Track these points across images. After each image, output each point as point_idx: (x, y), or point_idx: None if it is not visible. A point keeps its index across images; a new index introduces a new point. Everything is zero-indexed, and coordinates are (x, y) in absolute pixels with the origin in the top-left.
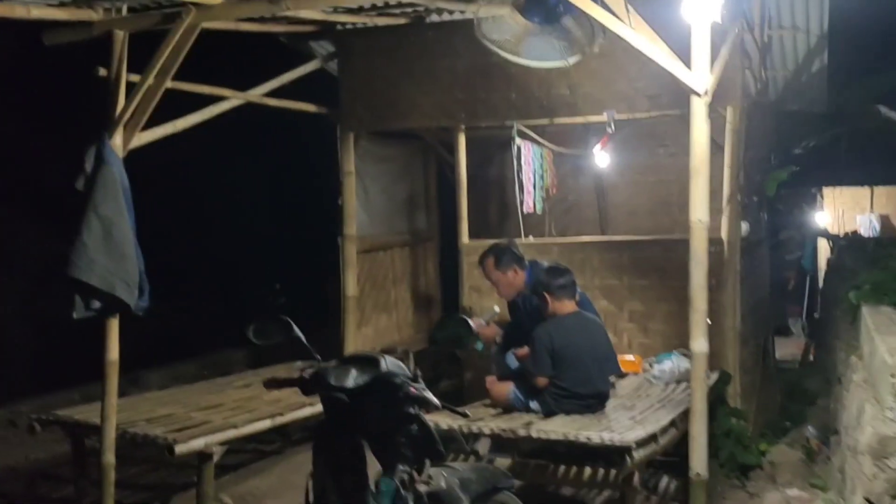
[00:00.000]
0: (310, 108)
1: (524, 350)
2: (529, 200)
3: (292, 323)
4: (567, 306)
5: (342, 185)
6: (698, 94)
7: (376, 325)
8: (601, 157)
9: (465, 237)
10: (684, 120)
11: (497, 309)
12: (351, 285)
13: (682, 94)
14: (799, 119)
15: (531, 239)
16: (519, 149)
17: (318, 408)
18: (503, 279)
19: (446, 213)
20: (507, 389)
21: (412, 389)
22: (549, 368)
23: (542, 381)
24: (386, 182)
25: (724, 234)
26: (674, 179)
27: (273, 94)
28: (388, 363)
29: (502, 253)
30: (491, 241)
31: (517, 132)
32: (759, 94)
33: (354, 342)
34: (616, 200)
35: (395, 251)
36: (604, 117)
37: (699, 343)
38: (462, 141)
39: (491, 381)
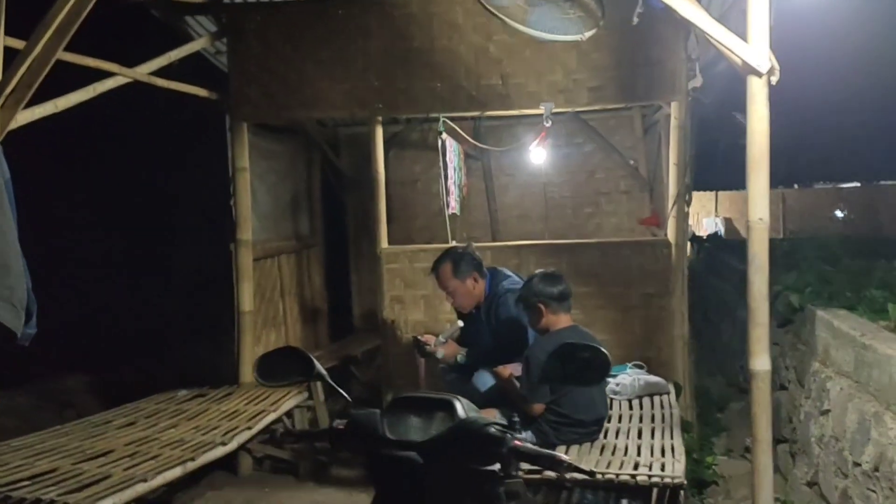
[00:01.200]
0: (200, 92)
1: (506, 369)
2: (452, 201)
3: (312, 358)
4: (563, 319)
5: (234, 183)
6: (758, 74)
7: (266, 343)
8: (538, 154)
9: (384, 242)
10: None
11: (461, 323)
12: (246, 299)
13: (625, 88)
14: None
15: (453, 243)
16: (444, 144)
17: (233, 446)
18: (461, 288)
19: (329, 217)
20: (492, 416)
21: (517, 442)
22: (548, 394)
23: (538, 408)
24: (272, 181)
25: (671, 237)
26: (566, 181)
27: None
28: (465, 405)
29: (460, 258)
30: (410, 247)
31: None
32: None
33: (248, 366)
34: (506, 203)
35: (283, 259)
36: (540, 110)
37: (761, 360)
38: (379, 134)
39: None
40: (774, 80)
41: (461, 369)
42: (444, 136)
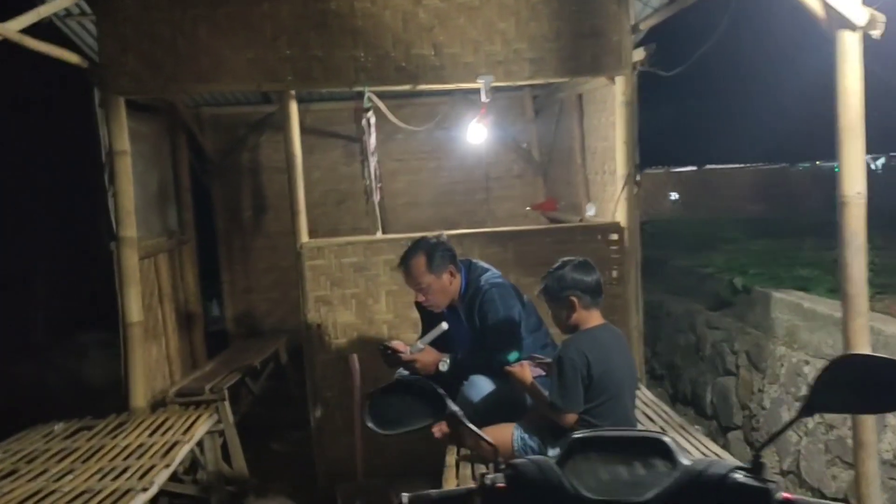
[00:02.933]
0: (71, 58)
1: (524, 370)
2: (376, 188)
3: (442, 393)
4: (595, 316)
5: (112, 170)
6: (852, 28)
7: (146, 359)
8: (477, 132)
9: (304, 235)
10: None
11: (445, 325)
12: (134, 307)
13: (568, 60)
14: None
15: (380, 234)
16: (368, 124)
17: (154, 490)
18: (436, 284)
19: (199, 208)
20: (508, 432)
21: (786, 495)
22: (581, 401)
23: (571, 418)
24: (140, 168)
25: (622, 220)
26: (456, 165)
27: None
28: (674, 445)
29: (434, 250)
30: (336, 240)
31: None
32: None
33: (140, 389)
34: (393, 189)
35: (161, 258)
36: (476, 84)
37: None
38: (293, 111)
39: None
40: (878, 33)
41: (439, 379)
42: (370, 114)
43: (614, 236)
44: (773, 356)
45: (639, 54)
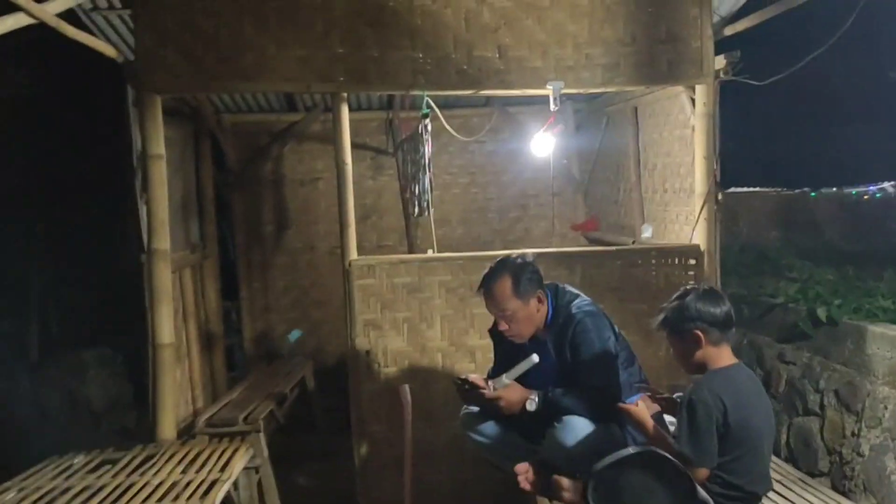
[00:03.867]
0: (108, 50)
1: (640, 410)
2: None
3: None
4: (725, 354)
5: (145, 176)
6: None
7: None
8: (545, 143)
9: (353, 251)
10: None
11: (535, 358)
12: (166, 328)
13: (643, 67)
14: None
15: (434, 253)
16: (426, 131)
17: None
18: (523, 311)
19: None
20: None
21: None
22: (716, 454)
23: (703, 472)
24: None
25: (701, 243)
26: (490, 181)
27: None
28: None
29: (521, 272)
30: (388, 257)
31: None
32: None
33: (170, 418)
34: None
35: (185, 273)
36: (546, 91)
37: None
38: (345, 114)
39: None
40: None
41: (525, 419)
42: (428, 121)
43: (692, 261)
44: (872, 397)
45: (719, 62)
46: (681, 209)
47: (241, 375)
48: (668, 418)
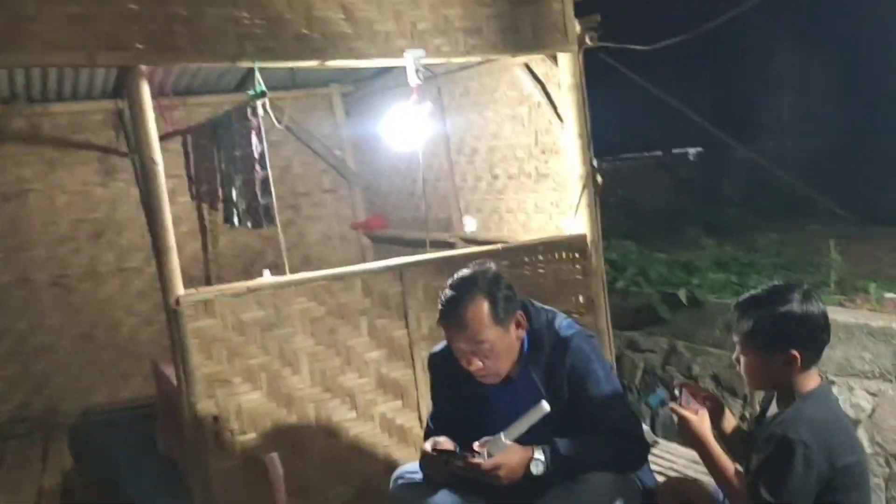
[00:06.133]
0: None
1: (703, 420)
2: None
3: None
4: (814, 377)
5: None
6: None
7: None
8: (413, 125)
9: (178, 284)
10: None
11: (546, 406)
12: None
13: (508, 33)
14: None
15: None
16: (258, 119)
17: None
18: (503, 342)
19: None
20: None
21: None
22: (809, 502)
23: None
24: None
25: (587, 232)
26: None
27: None
28: None
29: (495, 289)
30: (233, 286)
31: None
32: None
33: None
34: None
35: None
36: (402, 61)
37: None
38: (146, 98)
39: None
40: None
41: (528, 485)
42: (265, 102)
43: (577, 254)
44: None
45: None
46: (524, 196)
47: None
48: None
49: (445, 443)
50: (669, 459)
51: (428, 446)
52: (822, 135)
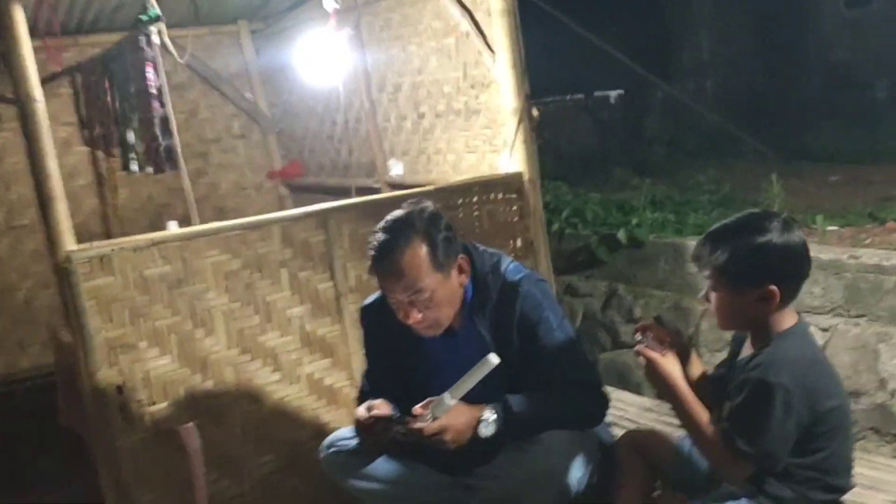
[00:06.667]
0: None
1: (668, 359)
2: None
3: None
4: (790, 315)
5: None
6: None
7: None
8: (336, 47)
9: (69, 237)
10: None
11: (495, 359)
12: None
13: None
14: None
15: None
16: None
17: None
18: (444, 289)
19: None
20: None
21: None
22: (786, 453)
23: (748, 468)
24: None
25: (524, 170)
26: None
27: None
28: None
29: (434, 228)
30: (132, 239)
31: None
32: None
33: None
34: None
35: None
36: None
37: None
38: (19, 21)
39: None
40: None
41: (476, 448)
42: (162, 29)
43: (514, 194)
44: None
45: None
46: (453, 135)
47: None
48: None
49: (382, 405)
50: (620, 409)
51: (362, 411)
52: (741, 75)
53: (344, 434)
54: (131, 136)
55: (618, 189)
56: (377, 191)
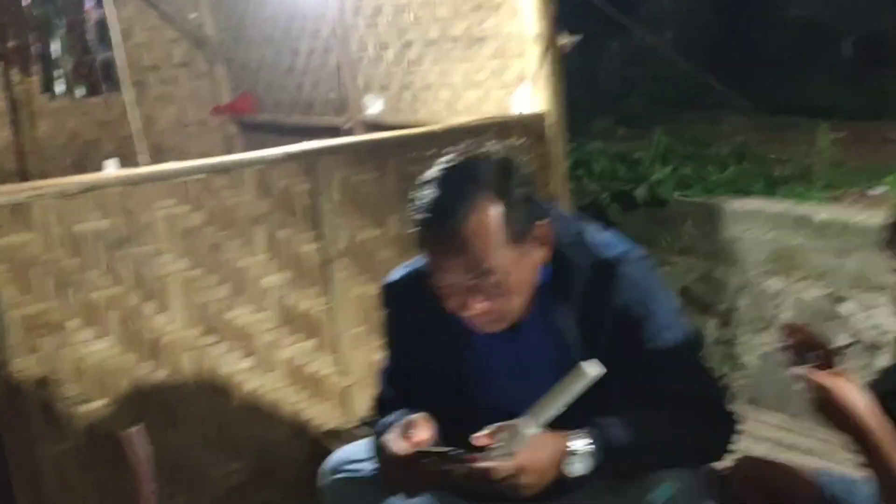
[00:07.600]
0: None
1: (852, 391)
2: None
3: None
4: None
5: None
6: None
7: None
8: None
9: None
10: None
11: (593, 372)
12: None
13: None
14: None
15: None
16: None
17: None
18: (519, 269)
19: None
20: None
21: None
22: None
23: None
24: None
25: (548, 108)
26: None
27: None
28: None
29: (508, 181)
30: (54, 182)
31: None
32: None
33: None
34: None
35: None
36: None
37: None
38: None
39: None
40: None
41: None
42: None
43: (533, 139)
44: (750, 291)
45: None
46: (449, 67)
47: None
48: None
49: (422, 427)
50: None
51: (398, 441)
52: (703, 26)
53: (353, 454)
54: (56, 48)
55: (604, 140)
56: (348, 132)
